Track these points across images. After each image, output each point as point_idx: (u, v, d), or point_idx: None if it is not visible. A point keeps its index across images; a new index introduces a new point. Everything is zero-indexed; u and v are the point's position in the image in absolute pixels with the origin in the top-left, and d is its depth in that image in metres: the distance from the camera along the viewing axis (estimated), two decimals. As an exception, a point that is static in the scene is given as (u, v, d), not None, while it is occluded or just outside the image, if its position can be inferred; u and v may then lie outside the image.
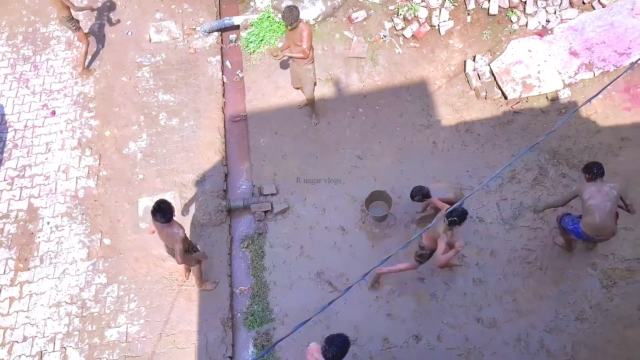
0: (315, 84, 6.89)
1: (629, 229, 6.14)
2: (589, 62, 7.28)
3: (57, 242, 6.53)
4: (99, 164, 7.13)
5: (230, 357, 5.79)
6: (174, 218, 5.15)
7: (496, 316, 5.83)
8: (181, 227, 5.24)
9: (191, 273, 6.07)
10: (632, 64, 4.34)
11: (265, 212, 6.71)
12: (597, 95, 3.61)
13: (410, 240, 3.29)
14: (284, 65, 7.79)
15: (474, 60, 7.64)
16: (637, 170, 6.50)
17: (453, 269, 6.07)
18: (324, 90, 7.70)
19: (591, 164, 5.32)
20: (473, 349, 5.67)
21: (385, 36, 7.96)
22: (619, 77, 4.34)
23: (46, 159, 7.19)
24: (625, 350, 5.49)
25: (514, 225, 6.37)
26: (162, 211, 4.99)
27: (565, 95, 7.20)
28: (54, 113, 7.59)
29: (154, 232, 5.45)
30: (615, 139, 6.82)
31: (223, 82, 7.97)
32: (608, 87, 4.82)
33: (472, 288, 6.02)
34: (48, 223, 6.68)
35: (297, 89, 7.19)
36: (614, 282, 5.88)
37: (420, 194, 5.96)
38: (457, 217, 4.94)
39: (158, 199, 5.11)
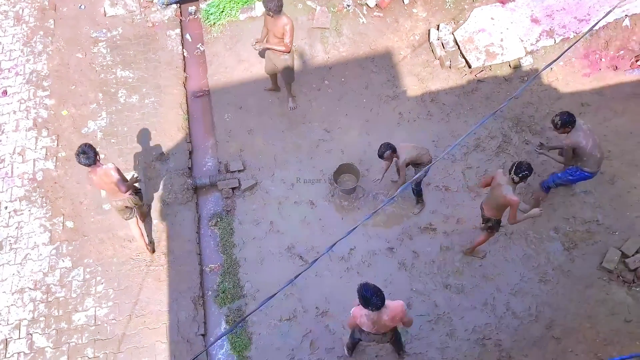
0: (293, 70, 6.67)
1: (588, 192, 6.33)
2: (550, 29, 7.36)
3: (16, 227, 6.32)
4: (57, 145, 6.87)
5: (202, 335, 5.78)
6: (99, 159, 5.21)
7: (463, 282, 5.97)
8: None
9: (155, 250, 6.03)
10: (589, 29, 4.39)
11: (233, 189, 6.63)
12: (556, 60, 3.65)
13: (375, 210, 3.29)
14: (246, 38, 7.61)
15: (437, 29, 7.62)
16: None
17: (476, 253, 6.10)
18: (288, 63, 7.56)
19: (566, 116, 5.37)
20: (442, 315, 5.80)
21: (349, 6, 7.83)
22: (576, 42, 4.40)
23: (0, 141, 6.88)
24: (586, 308, 5.72)
25: (479, 192, 6.47)
26: (85, 153, 4.99)
27: (527, 62, 7.27)
28: (5, 93, 7.23)
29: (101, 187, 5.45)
30: (575, 105, 6.96)
31: (184, 56, 7.73)
32: (567, 52, 4.87)
33: (439, 255, 6.14)
34: (6, 208, 6.44)
35: (269, 74, 6.99)
36: (575, 244, 6.08)
37: (390, 148, 5.57)
38: (528, 170, 4.83)
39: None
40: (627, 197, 6.28)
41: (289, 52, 6.27)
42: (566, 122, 5.39)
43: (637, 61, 7.16)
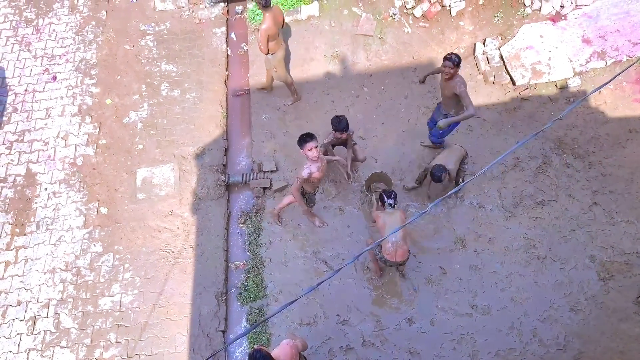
0: (277, 70, 6.81)
1: (630, 223, 6.08)
2: (602, 50, 7.12)
3: (54, 209, 6.51)
4: (99, 132, 7.06)
5: (222, 331, 5.80)
6: None
7: (490, 303, 5.81)
8: None
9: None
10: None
11: (264, 188, 6.65)
12: (607, 84, 3.50)
13: (406, 224, 3.23)
14: (290, 41, 7.65)
15: (484, 44, 7.47)
16: None
17: None
18: (329, 68, 7.56)
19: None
20: (465, 335, 5.66)
21: (394, 14, 7.78)
22: (630, 66, 4.22)
23: (46, 124, 7.12)
24: (618, 343, 5.47)
25: (514, 213, 6.30)
26: None
27: (574, 83, 7.05)
28: (55, 78, 7.49)
29: None
30: (622, 131, 6.70)
31: (227, 54, 7.84)
32: (619, 76, 4.70)
33: (468, 274, 5.99)
34: (45, 189, 6.65)
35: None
36: (611, 275, 5.84)
37: (446, 170, 5.78)
38: None
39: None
40: (672, 231, 6.00)
41: (264, 53, 6.49)
42: (460, 62, 5.55)
43: (692, 90, 6.85)
